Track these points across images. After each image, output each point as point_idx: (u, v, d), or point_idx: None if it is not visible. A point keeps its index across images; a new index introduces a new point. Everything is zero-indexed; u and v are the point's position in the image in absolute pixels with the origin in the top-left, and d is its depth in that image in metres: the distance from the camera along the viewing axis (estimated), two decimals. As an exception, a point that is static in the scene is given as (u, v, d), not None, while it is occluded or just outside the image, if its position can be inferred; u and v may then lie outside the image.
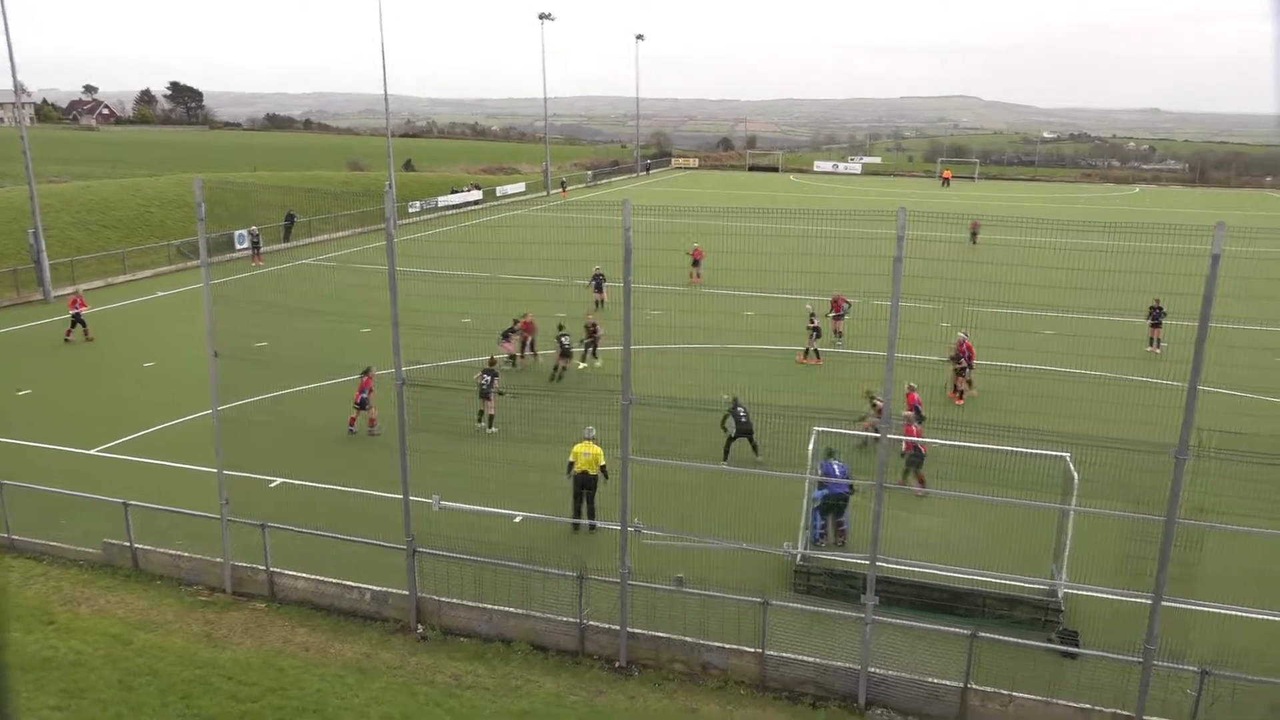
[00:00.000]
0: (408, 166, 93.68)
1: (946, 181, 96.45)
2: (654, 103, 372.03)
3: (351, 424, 22.92)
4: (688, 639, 13.75)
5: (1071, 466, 15.51)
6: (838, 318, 31.99)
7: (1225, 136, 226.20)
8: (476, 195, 72.76)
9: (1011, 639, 13.66)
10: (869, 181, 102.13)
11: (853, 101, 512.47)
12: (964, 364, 25.58)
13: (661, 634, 13.87)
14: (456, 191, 72.09)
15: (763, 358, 29.08)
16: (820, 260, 25.41)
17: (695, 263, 40.51)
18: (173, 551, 16.33)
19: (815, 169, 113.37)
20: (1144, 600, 12.18)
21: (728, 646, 13.58)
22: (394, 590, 15.01)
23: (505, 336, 27.86)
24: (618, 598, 13.80)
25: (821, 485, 16.94)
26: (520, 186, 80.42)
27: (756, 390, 24.05)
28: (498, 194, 76.33)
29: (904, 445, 19.00)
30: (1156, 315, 31.17)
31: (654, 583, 14.47)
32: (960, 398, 25.40)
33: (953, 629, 13.30)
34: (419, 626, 14.78)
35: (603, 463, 17.86)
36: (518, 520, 17.66)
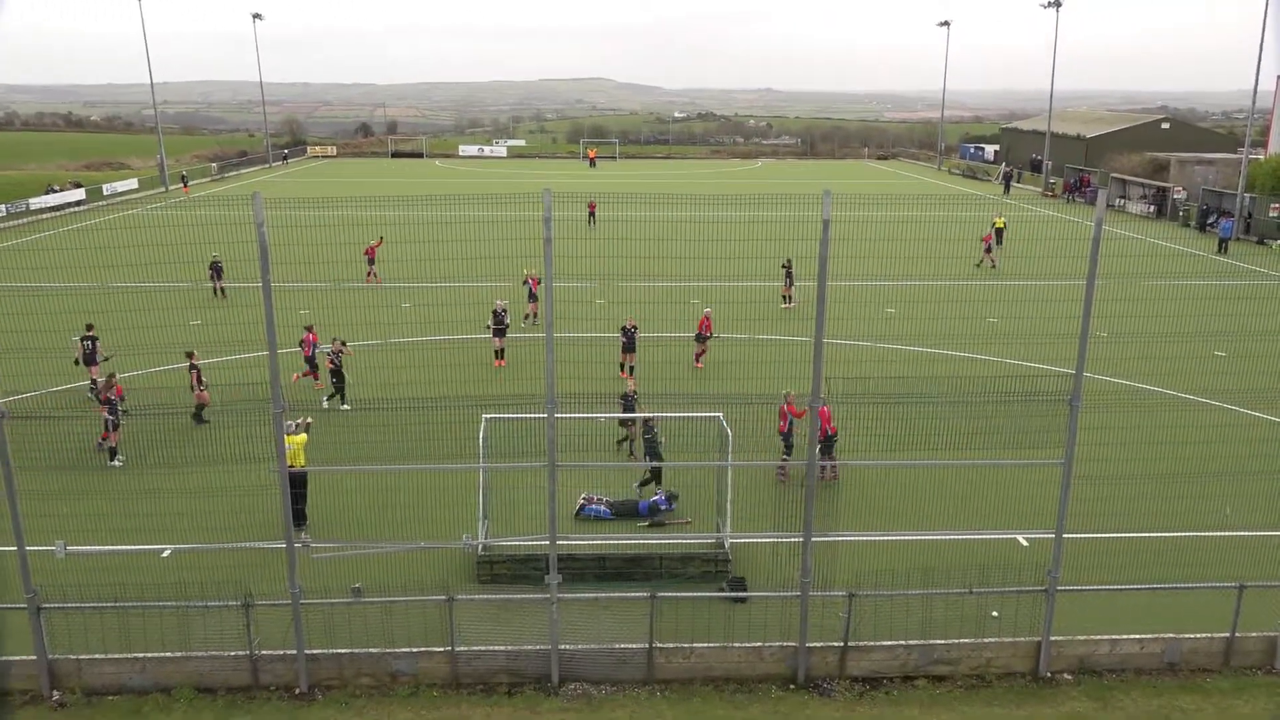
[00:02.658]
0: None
1: (593, 162, 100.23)
2: (282, 87, 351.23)
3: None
4: (373, 651, 13.33)
5: (725, 425, 16.79)
6: (534, 298, 31.85)
7: (829, 113, 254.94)
8: (79, 195, 64.81)
9: (687, 594, 14.63)
10: (515, 164, 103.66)
11: (493, 84, 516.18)
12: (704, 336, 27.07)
13: (344, 650, 13.33)
14: (53, 191, 63.73)
15: (428, 348, 28.63)
16: (474, 245, 25.63)
17: (370, 259, 38.59)
18: None
19: (461, 153, 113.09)
20: (796, 539, 13.52)
21: (416, 651, 13.34)
22: (16, 657, 13.15)
23: (91, 360, 23.55)
24: (291, 621, 13.06)
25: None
26: (132, 183, 72.72)
27: (422, 383, 23.67)
28: (105, 192, 68.50)
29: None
30: (788, 272, 34.79)
31: (330, 598, 13.85)
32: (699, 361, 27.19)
33: (634, 594, 13.99)
34: (54, 693, 13.07)
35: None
36: (166, 555, 16.14)
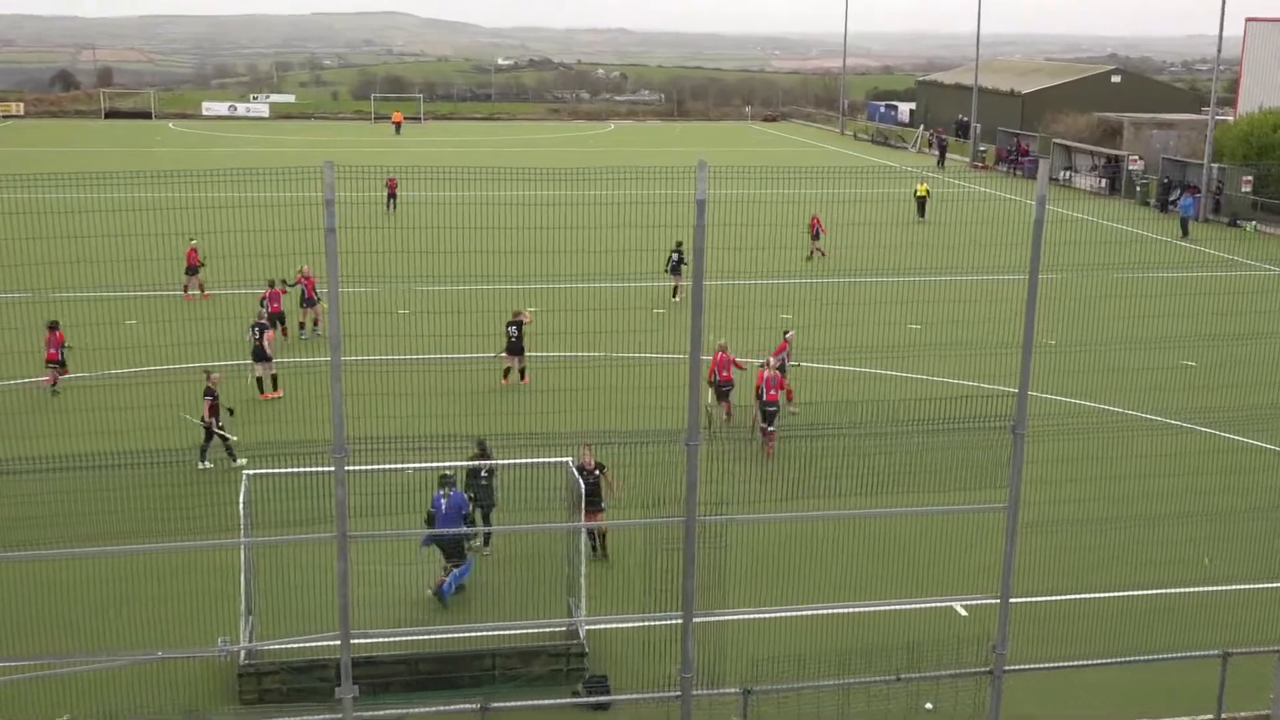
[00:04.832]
0: None
1: (398, 127, 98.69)
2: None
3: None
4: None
5: (575, 473, 16.80)
6: (309, 303, 32.29)
7: (700, 61, 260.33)
8: None
9: (531, 702, 14.53)
10: (283, 128, 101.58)
11: (248, 19, 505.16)
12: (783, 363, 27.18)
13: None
14: None
15: (161, 381, 27.63)
16: (229, 239, 24.91)
17: (193, 269, 36.88)
18: None
19: (206, 112, 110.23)
20: (674, 621, 13.60)
21: (153, 802, 12.79)
22: None
23: None
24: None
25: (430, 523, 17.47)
26: None
27: (155, 429, 22.82)
28: None
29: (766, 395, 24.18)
30: (676, 262, 36.94)
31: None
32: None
33: (458, 705, 13.82)
34: None
35: None
36: None
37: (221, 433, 23.33)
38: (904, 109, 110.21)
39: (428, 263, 30.99)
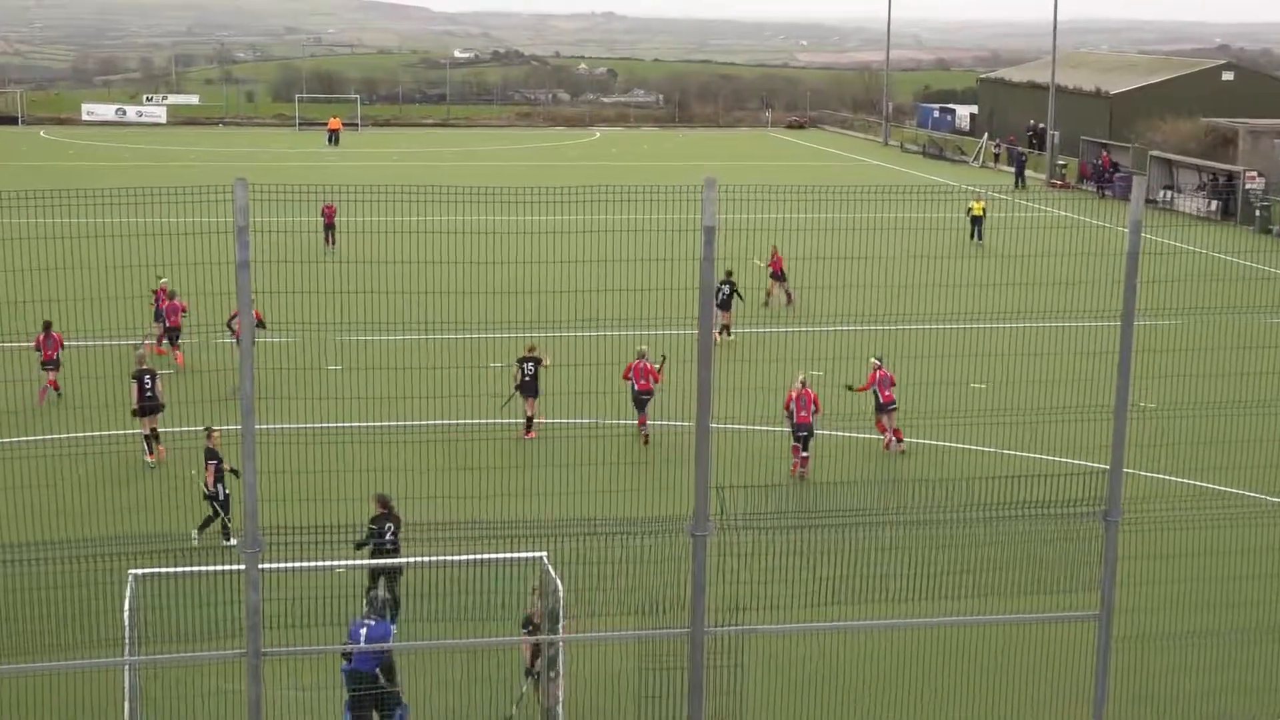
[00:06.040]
0: None
1: (334, 135, 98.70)
2: None
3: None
4: None
5: (551, 570, 16.69)
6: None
7: (708, 54, 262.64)
8: None
9: None
10: (186, 135, 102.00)
11: (143, 5, 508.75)
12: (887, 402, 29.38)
13: None
14: None
15: (27, 456, 27.55)
16: (112, 277, 24.78)
17: (161, 315, 37.50)
18: None
19: (87, 117, 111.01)
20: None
21: None
22: None
23: None
24: None
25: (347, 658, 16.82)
26: None
27: (16, 517, 22.73)
28: None
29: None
30: (726, 296, 38.43)
31: None
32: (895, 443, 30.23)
33: None
34: None
35: None
36: None
37: (223, 503, 23.73)
38: (963, 113, 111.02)
39: (369, 305, 30.95)
